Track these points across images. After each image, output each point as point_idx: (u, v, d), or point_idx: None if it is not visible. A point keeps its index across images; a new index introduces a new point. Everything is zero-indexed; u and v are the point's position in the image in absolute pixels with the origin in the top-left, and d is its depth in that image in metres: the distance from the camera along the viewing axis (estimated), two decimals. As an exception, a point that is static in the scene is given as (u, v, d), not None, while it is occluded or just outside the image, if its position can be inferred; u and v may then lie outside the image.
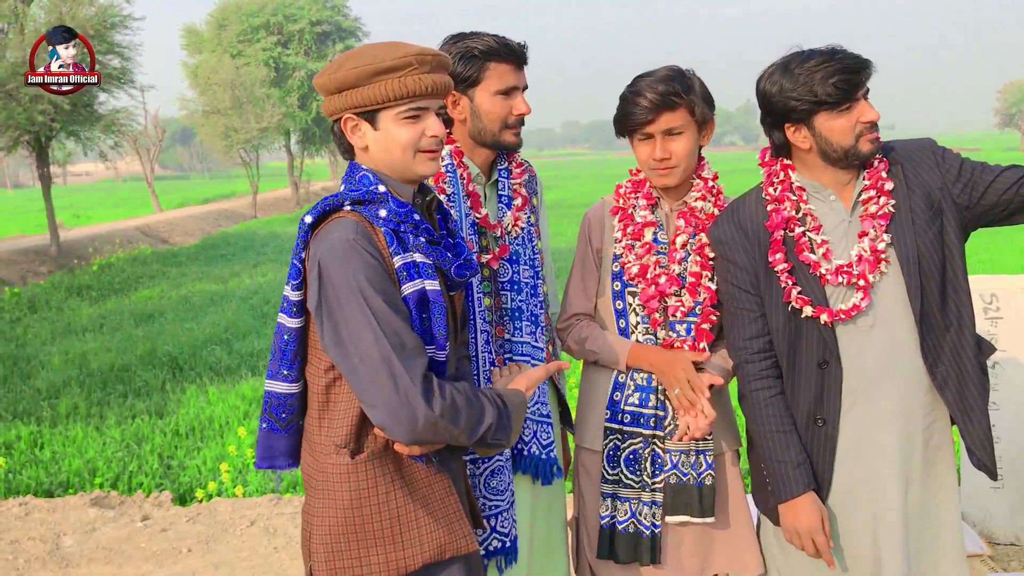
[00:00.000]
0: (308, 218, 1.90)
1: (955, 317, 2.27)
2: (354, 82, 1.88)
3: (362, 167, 1.95)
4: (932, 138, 2.39)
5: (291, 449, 2.02)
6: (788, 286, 2.30)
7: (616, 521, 2.49)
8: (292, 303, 1.91)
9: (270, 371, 1.97)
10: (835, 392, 2.31)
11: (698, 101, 2.43)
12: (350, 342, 1.79)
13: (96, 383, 8.86)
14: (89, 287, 16.19)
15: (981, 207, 2.25)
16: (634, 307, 2.52)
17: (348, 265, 1.79)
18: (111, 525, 4.60)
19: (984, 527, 3.95)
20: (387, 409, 1.77)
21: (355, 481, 1.87)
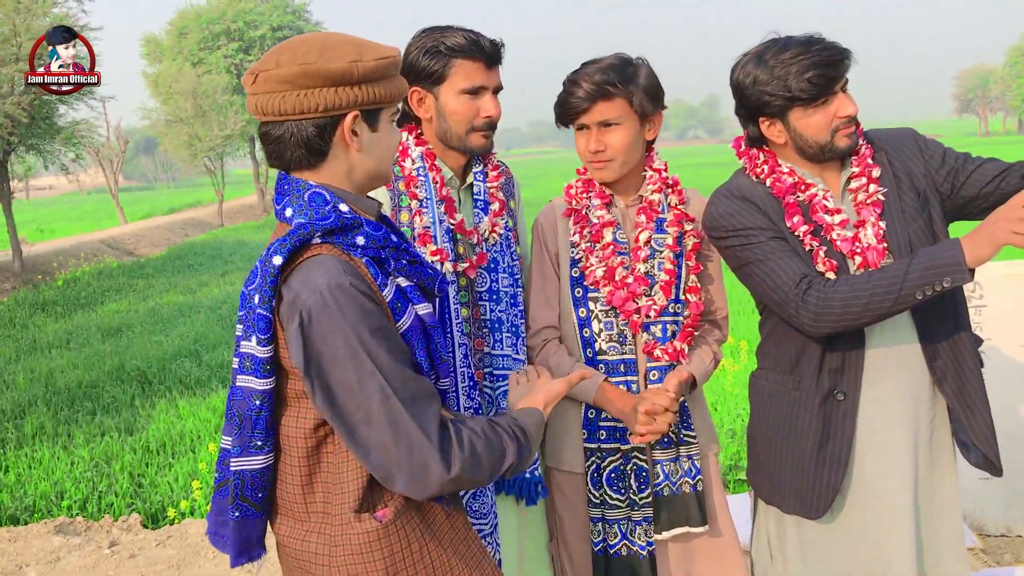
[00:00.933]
0: (278, 259, 1.56)
1: (950, 308, 2.20)
2: (381, 74, 1.63)
3: (309, 183, 1.64)
4: (912, 127, 2.32)
5: (264, 533, 1.74)
6: (815, 248, 2.16)
7: (609, 544, 2.36)
8: (261, 361, 1.59)
9: (237, 447, 1.65)
10: (858, 365, 2.18)
11: (638, 92, 2.30)
12: (349, 405, 1.54)
13: (63, 401, 8.65)
14: (54, 303, 15.87)
15: (961, 198, 2.18)
16: (596, 314, 2.39)
17: (344, 317, 1.52)
18: (76, 553, 4.42)
19: (975, 519, 3.90)
20: (401, 473, 1.55)
21: (387, 546, 1.63)
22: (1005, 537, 3.85)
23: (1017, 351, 3.88)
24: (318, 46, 1.62)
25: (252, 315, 1.59)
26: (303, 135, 1.62)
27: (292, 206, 1.64)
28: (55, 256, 21.49)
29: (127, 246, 25.83)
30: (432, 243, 2.25)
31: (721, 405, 6.24)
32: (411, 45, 2.28)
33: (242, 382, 1.62)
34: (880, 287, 1.99)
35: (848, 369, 2.19)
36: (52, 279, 18.99)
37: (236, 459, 1.66)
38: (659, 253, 2.38)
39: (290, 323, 1.55)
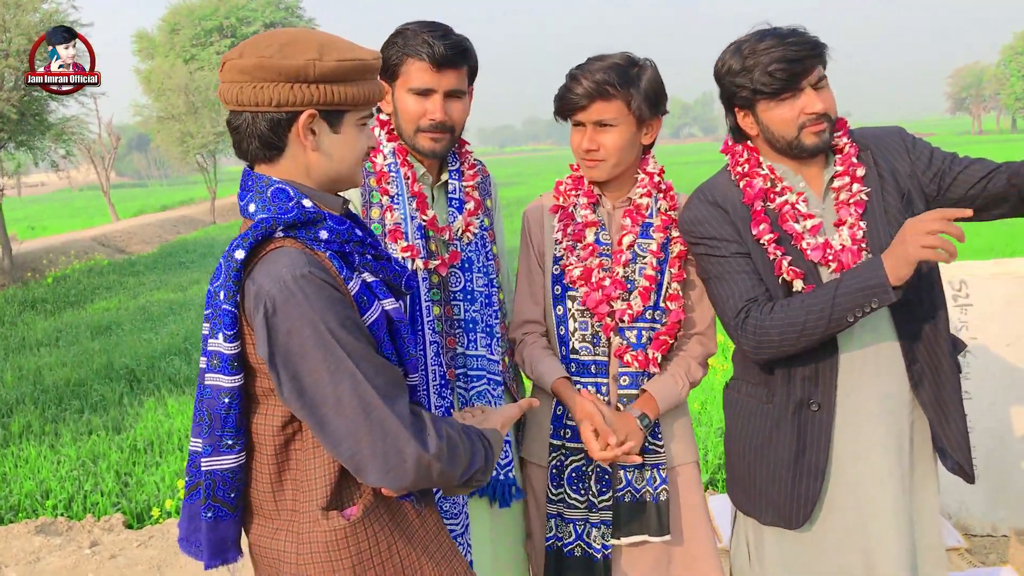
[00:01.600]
0: (240, 253, 1.56)
1: (929, 311, 2.18)
2: (342, 76, 1.61)
3: (272, 179, 1.64)
4: (900, 126, 2.29)
5: (238, 535, 1.72)
6: (778, 258, 2.15)
7: (563, 544, 2.34)
8: (229, 358, 1.57)
9: (207, 447, 1.63)
10: (830, 374, 2.16)
11: (637, 96, 2.27)
12: (319, 395, 1.52)
13: (51, 399, 8.60)
14: (44, 300, 15.81)
15: (947, 199, 2.15)
16: (572, 312, 2.37)
17: (310, 305, 1.50)
18: (57, 554, 4.38)
19: (960, 519, 3.89)
20: (375, 463, 1.53)
21: (354, 543, 1.63)
22: (991, 537, 3.84)
23: (1003, 350, 3.87)
24: (281, 41, 1.61)
25: (218, 312, 1.58)
26: (257, 128, 1.63)
27: (255, 202, 1.64)
28: (45, 253, 21.40)
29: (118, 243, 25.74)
30: (403, 239, 2.22)
31: (711, 404, 6.23)
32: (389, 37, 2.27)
33: (210, 380, 1.61)
34: (813, 313, 2.02)
35: (821, 378, 2.17)
36: (42, 277, 18.92)
37: (207, 459, 1.63)
38: (641, 258, 2.35)
39: (254, 315, 1.54)
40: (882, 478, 2.19)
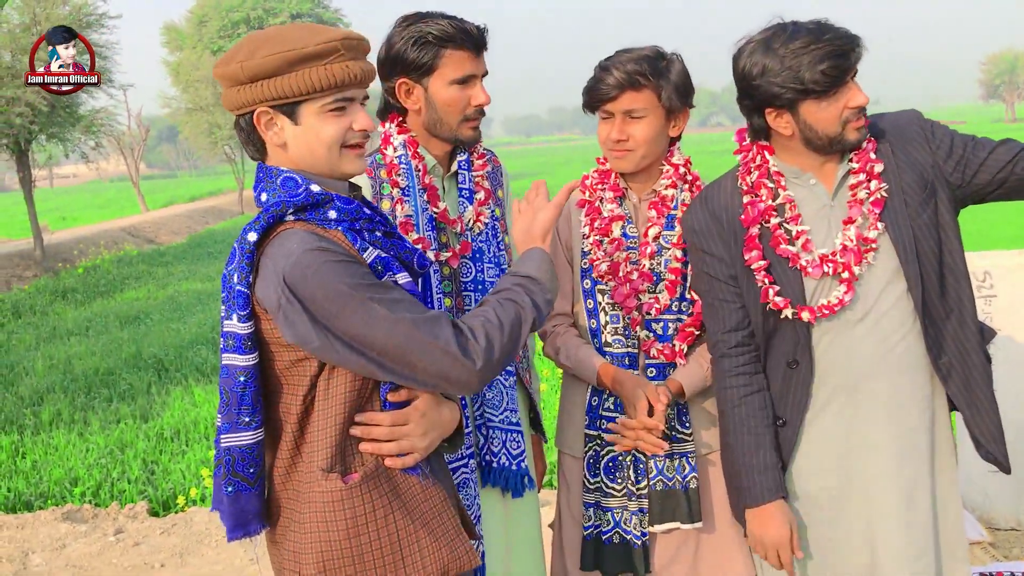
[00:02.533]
0: (252, 235, 1.64)
1: (955, 304, 2.14)
2: (272, 70, 1.65)
3: (281, 169, 1.72)
4: (917, 110, 2.24)
5: (262, 508, 1.78)
6: (765, 286, 2.16)
7: (602, 531, 2.36)
8: (243, 337, 1.65)
9: (226, 424, 1.70)
10: (801, 394, 2.17)
11: (667, 87, 2.28)
12: (362, 341, 1.62)
13: (80, 388, 8.73)
14: (74, 290, 16.03)
15: (974, 186, 2.11)
16: (603, 306, 2.38)
17: (329, 269, 1.59)
18: (82, 540, 4.46)
19: (984, 512, 3.85)
20: (441, 377, 1.65)
21: (350, 507, 1.67)
22: (1015, 531, 3.80)
23: (1029, 342, 3.82)
24: (235, 47, 1.72)
25: (232, 293, 1.65)
26: (241, 129, 1.75)
27: (267, 191, 1.72)
28: (76, 244, 21.70)
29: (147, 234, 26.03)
30: (414, 231, 2.22)
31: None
32: (394, 35, 2.23)
33: (227, 360, 1.68)
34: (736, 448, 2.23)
35: (792, 396, 2.19)
36: (73, 267, 19.18)
37: (225, 435, 1.71)
38: (666, 250, 2.36)
39: (280, 295, 1.61)
40: (882, 482, 2.16)
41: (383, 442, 1.72)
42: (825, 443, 2.20)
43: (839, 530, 2.20)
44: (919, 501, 2.17)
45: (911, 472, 2.16)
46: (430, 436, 1.77)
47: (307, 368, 1.69)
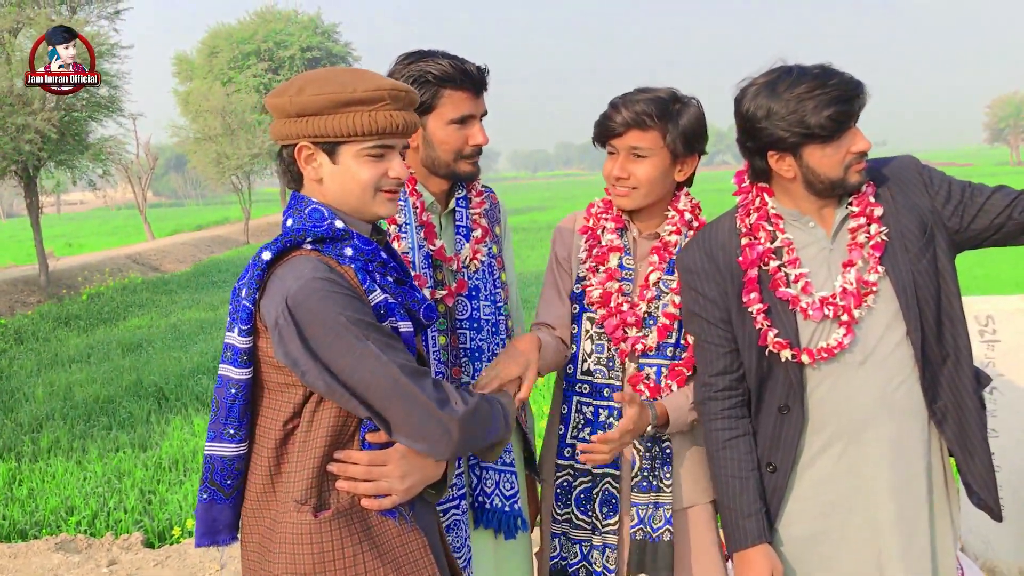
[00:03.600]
0: (267, 254, 1.71)
1: (951, 348, 2.14)
2: (318, 109, 1.72)
3: (312, 200, 1.79)
4: (913, 156, 2.25)
5: (233, 520, 1.82)
6: (764, 328, 2.15)
7: (569, 564, 2.37)
8: (240, 351, 1.71)
9: (212, 432, 1.76)
10: (792, 439, 2.17)
11: (674, 130, 2.30)
12: (351, 379, 1.64)
13: (80, 415, 8.71)
14: (77, 317, 16.03)
15: (971, 231, 2.12)
16: (591, 334, 2.38)
17: (332, 300, 1.64)
18: (75, 572, 4.42)
19: (986, 560, 3.80)
20: (414, 433, 1.68)
21: (318, 542, 1.69)
22: (1018, 578, 3.75)
23: (1032, 387, 3.79)
24: (291, 81, 1.77)
25: (238, 307, 1.70)
26: (282, 159, 1.83)
27: (293, 217, 1.79)
28: (81, 270, 21.73)
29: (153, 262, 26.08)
30: (411, 268, 2.23)
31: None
32: (395, 73, 2.25)
33: (222, 370, 1.73)
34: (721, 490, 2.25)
35: (783, 442, 2.18)
36: (77, 293, 19.20)
37: (209, 443, 1.75)
38: (665, 295, 2.36)
39: (276, 315, 1.65)
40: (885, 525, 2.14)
41: (360, 481, 1.72)
42: (821, 488, 2.18)
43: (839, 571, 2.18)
44: (919, 548, 2.15)
45: (912, 518, 2.14)
46: (410, 480, 1.77)
47: (293, 394, 1.71)
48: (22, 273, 20.92)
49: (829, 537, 2.18)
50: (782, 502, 2.20)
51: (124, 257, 25.36)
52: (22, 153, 17.28)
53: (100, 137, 20.40)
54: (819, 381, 2.15)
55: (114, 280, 21.22)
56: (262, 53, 41.04)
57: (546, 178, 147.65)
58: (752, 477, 2.20)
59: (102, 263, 23.49)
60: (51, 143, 17.71)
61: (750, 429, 2.24)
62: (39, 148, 17.45)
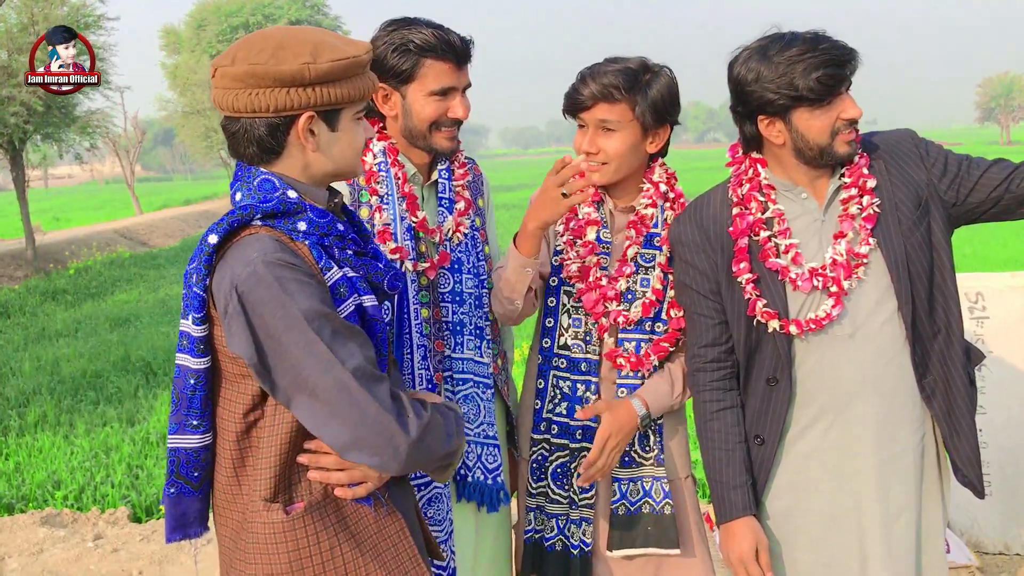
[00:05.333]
0: (213, 237, 1.58)
1: (943, 324, 2.12)
2: (339, 74, 1.61)
3: (260, 170, 1.64)
4: (912, 129, 2.23)
5: (204, 512, 1.73)
6: (753, 298, 2.13)
7: (544, 536, 2.35)
8: (196, 340, 1.59)
9: (174, 424, 1.65)
10: (779, 412, 2.15)
11: (643, 102, 2.22)
12: (297, 378, 1.52)
13: (67, 390, 8.68)
14: (65, 291, 15.96)
15: (968, 204, 2.09)
16: (568, 308, 2.33)
17: (280, 287, 1.51)
18: (60, 546, 4.39)
19: (972, 536, 3.82)
20: (360, 445, 1.52)
21: (293, 540, 1.61)
22: (1003, 555, 3.77)
23: (1021, 364, 3.80)
24: (273, 45, 1.60)
25: (190, 294, 1.60)
26: (255, 133, 1.62)
27: (241, 190, 1.65)
28: (68, 245, 21.62)
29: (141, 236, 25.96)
30: (392, 240, 2.19)
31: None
32: (378, 39, 2.19)
33: (179, 360, 1.63)
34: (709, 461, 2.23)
35: (771, 414, 2.16)
36: (64, 268, 19.11)
37: (172, 436, 1.66)
38: (646, 269, 2.32)
39: (225, 301, 1.54)
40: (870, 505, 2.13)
41: (333, 471, 1.64)
42: (807, 462, 2.17)
43: (831, 553, 2.17)
44: (903, 525, 2.14)
45: (897, 495, 2.13)
46: None
47: (250, 385, 1.61)
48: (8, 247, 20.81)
49: (814, 513, 2.17)
50: (769, 475, 2.20)
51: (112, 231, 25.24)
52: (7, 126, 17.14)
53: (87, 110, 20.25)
54: (807, 353, 2.13)
55: (102, 255, 21.12)
56: (251, 26, 40.67)
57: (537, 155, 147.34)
58: (739, 449, 2.19)
59: (89, 237, 23.36)
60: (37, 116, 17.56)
61: (738, 401, 2.22)
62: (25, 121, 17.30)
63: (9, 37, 17.37)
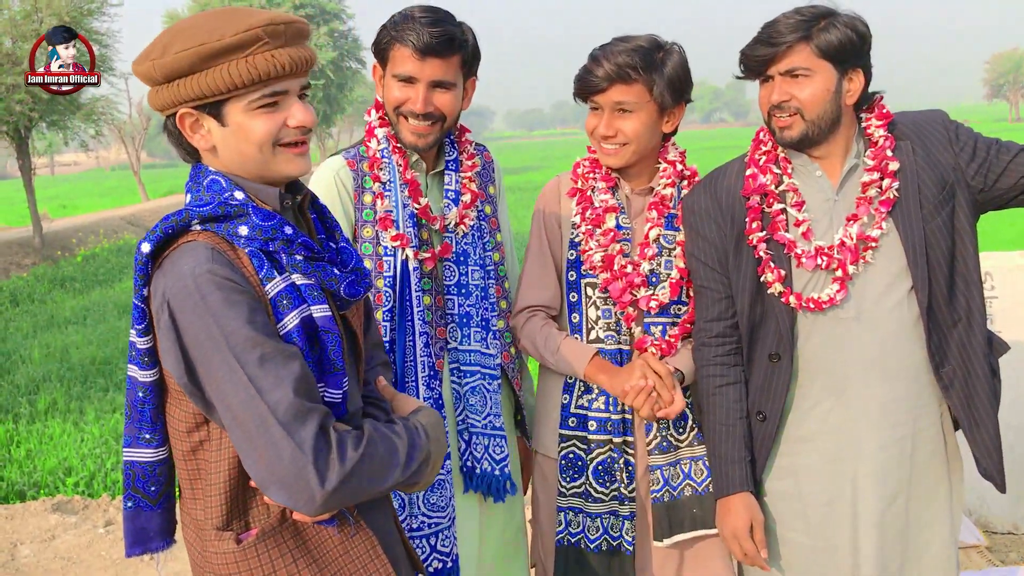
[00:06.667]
0: (146, 246, 1.47)
1: (964, 312, 2.08)
2: (188, 68, 1.46)
3: (210, 170, 1.54)
4: (943, 110, 2.19)
5: (166, 525, 1.62)
6: (765, 257, 2.11)
7: (586, 538, 2.28)
8: (142, 352, 1.49)
9: (128, 437, 1.56)
10: (781, 389, 2.15)
11: (660, 81, 2.19)
12: (220, 402, 1.41)
13: (77, 377, 8.72)
14: (73, 279, 16.00)
15: (997, 190, 2.06)
16: (594, 300, 2.29)
17: (206, 306, 1.39)
18: (72, 532, 4.43)
19: (981, 516, 3.82)
20: (275, 483, 1.39)
21: (247, 570, 1.49)
22: (1012, 535, 3.77)
23: (1029, 344, 3.78)
24: (153, 41, 1.52)
25: (133, 307, 1.51)
26: (170, 132, 1.56)
27: (192, 192, 1.56)
28: (75, 232, 21.65)
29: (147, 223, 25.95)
30: (393, 228, 2.18)
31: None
32: None
33: (129, 371, 1.54)
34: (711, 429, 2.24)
35: (772, 391, 2.15)
36: (72, 255, 19.14)
37: (127, 449, 1.57)
38: (669, 251, 2.29)
39: (159, 313, 1.45)
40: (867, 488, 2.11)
41: None
42: (808, 445, 2.16)
43: (824, 535, 2.16)
44: (897, 510, 2.12)
45: (893, 482, 2.12)
46: None
47: (190, 404, 1.50)
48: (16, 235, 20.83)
49: (812, 497, 2.16)
50: (770, 454, 2.19)
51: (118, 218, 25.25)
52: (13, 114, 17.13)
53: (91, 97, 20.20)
54: (810, 332, 2.11)
55: (109, 242, 21.15)
56: (254, 11, 40.52)
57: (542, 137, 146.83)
58: (740, 425, 2.18)
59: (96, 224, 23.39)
60: (42, 103, 17.55)
61: (742, 377, 2.21)
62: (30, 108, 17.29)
63: (12, 25, 17.35)
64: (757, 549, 2.14)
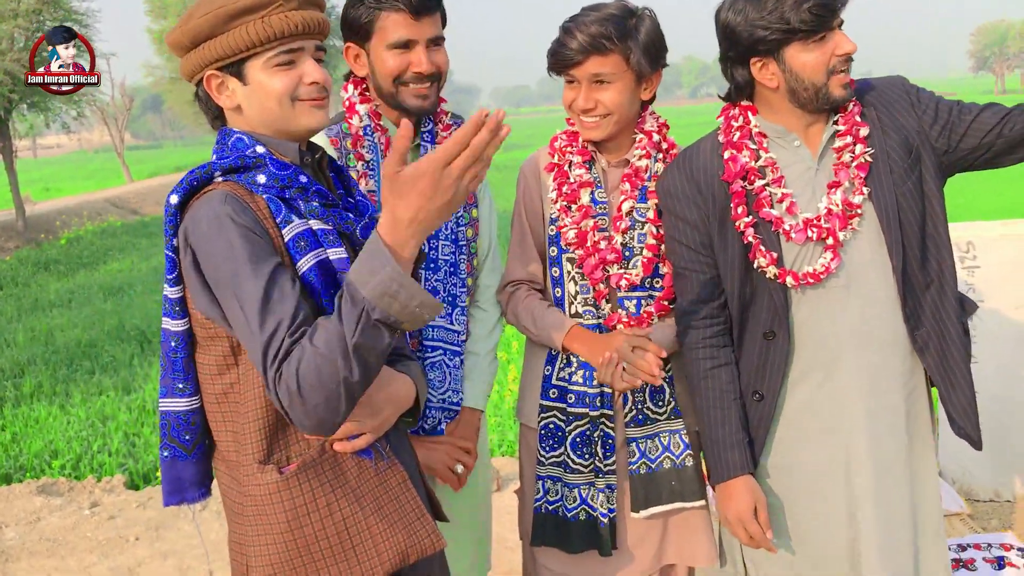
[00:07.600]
0: (173, 198, 1.60)
1: (935, 274, 2.08)
2: (209, 31, 1.61)
3: (235, 131, 1.67)
4: (902, 76, 2.18)
5: (201, 476, 1.73)
6: (755, 242, 2.08)
7: (565, 507, 2.31)
8: (173, 302, 1.61)
9: (163, 388, 1.67)
10: (778, 366, 2.12)
11: (636, 49, 2.14)
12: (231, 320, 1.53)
13: (62, 360, 8.68)
14: (57, 261, 15.91)
15: (960, 151, 2.05)
16: (573, 275, 2.28)
17: (221, 238, 1.51)
18: (57, 514, 4.42)
19: (963, 484, 3.85)
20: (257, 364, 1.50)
21: (289, 499, 1.59)
22: (993, 502, 3.80)
23: (1012, 313, 3.80)
24: (188, 10, 1.67)
25: (165, 258, 1.63)
26: (199, 100, 1.72)
27: (217, 151, 1.68)
28: (59, 215, 21.51)
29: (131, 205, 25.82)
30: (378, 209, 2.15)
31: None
32: None
33: (163, 323, 1.64)
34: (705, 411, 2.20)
35: (769, 369, 2.13)
36: (55, 238, 19.02)
37: (162, 400, 1.67)
38: (641, 224, 2.26)
39: (183, 256, 1.57)
40: (861, 459, 2.11)
41: None
42: (802, 417, 2.15)
43: (822, 505, 2.16)
44: (896, 478, 2.13)
45: (888, 449, 2.12)
46: (383, 414, 1.67)
47: (220, 346, 1.61)
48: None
49: (808, 466, 2.17)
50: (769, 431, 2.17)
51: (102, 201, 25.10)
52: (-8, 95, 16.94)
53: (72, 78, 19.99)
54: (801, 304, 2.10)
55: (93, 224, 21.02)
56: (236, -11, 40.10)
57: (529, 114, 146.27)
58: (734, 407, 2.16)
59: (80, 207, 23.24)
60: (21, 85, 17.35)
61: (732, 358, 2.19)
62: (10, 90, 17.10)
63: (-11, 5, 17.13)
64: (762, 531, 2.12)
